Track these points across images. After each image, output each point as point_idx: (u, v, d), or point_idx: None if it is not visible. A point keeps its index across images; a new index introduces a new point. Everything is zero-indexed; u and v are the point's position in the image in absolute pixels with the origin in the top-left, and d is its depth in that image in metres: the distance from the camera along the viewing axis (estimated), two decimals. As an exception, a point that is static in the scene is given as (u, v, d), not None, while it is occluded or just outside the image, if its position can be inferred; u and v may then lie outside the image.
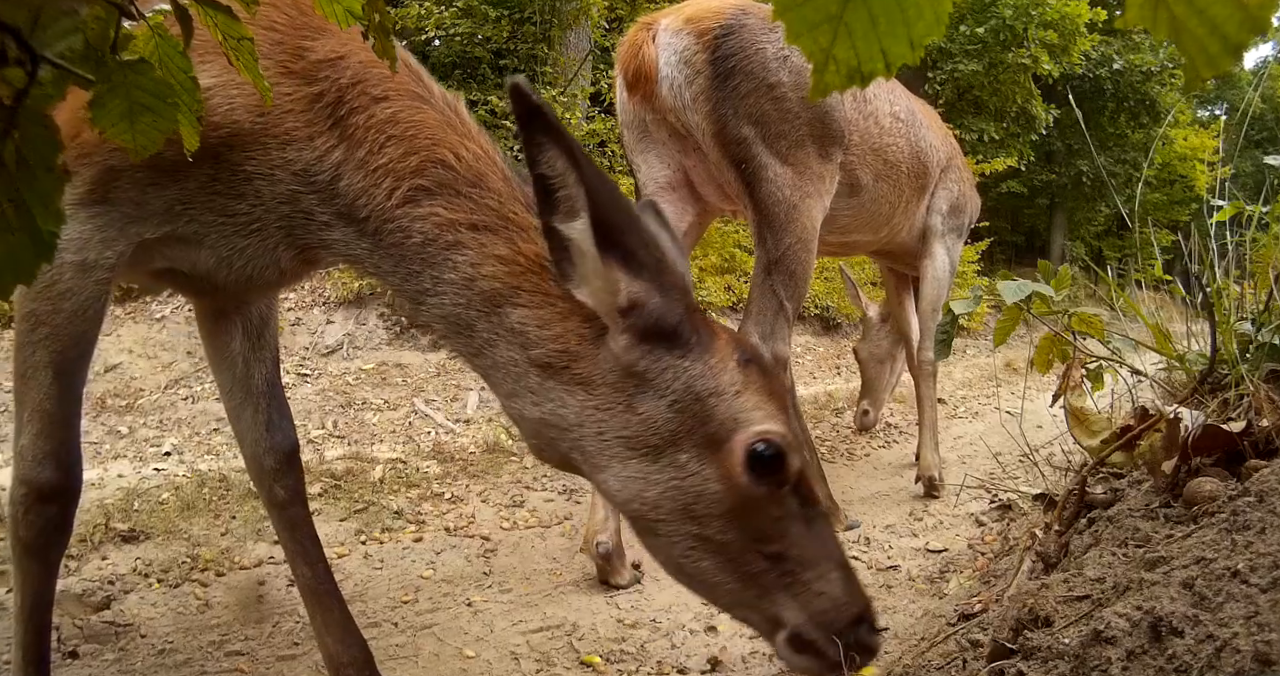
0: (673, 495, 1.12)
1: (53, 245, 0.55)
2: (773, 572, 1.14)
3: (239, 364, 1.68)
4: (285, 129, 1.23)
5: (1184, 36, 0.49)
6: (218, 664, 1.98)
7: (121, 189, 1.23)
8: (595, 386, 1.15)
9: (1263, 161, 2.25)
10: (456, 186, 1.22)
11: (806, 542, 1.15)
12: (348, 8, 0.79)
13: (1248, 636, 0.71)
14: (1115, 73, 13.98)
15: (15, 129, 0.52)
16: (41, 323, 1.26)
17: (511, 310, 1.17)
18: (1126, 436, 1.29)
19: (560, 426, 1.17)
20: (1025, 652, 0.90)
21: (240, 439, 1.71)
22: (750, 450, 1.10)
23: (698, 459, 1.11)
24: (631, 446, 1.13)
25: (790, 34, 0.51)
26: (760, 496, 1.11)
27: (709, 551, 1.13)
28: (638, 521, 1.17)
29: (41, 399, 1.28)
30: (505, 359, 1.19)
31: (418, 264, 1.22)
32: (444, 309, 1.21)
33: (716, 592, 1.17)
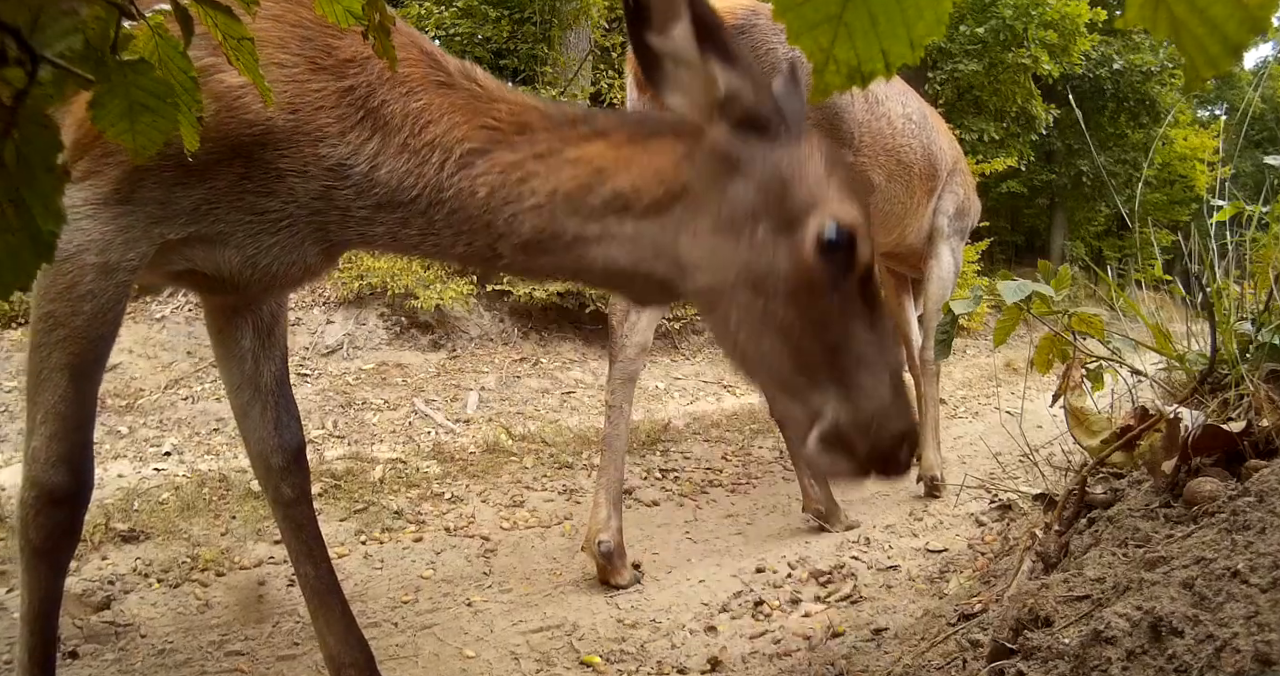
0: (744, 267, 1.16)
1: (53, 245, 0.55)
2: (826, 363, 1.15)
3: (248, 361, 1.67)
4: (318, 125, 1.26)
5: (1184, 36, 0.49)
6: (218, 664, 1.98)
7: (147, 188, 1.23)
8: (692, 190, 1.21)
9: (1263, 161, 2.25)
10: (506, 138, 1.28)
11: (866, 342, 1.16)
12: (347, 8, 0.79)
13: (1248, 636, 0.71)
14: (1115, 73, 13.97)
15: (15, 129, 0.52)
16: (60, 324, 1.26)
17: (600, 190, 1.24)
18: (1126, 436, 1.29)
19: (656, 253, 1.23)
20: (1025, 652, 0.90)
21: (247, 437, 1.70)
22: (821, 232, 1.14)
23: (773, 235, 1.16)
24: (718, 228, 1.18)
25: (791, 34, 0.51)
26: (826, 279, 1.14)
27: (768, 325, 1.16)
28: (713, 300, 1.21)
29: (56, 401, 1.28)
30: (596, 233, 1.24)
31: (488, 216, 1.26)
32: (524, 238, 1.26)
33: (769, 374, 1.20)
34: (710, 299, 1.21)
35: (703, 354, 6.63)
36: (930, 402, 3.68)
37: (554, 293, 6.02)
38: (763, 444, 4.37)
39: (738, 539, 2.93)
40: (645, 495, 3.42)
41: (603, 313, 6.11)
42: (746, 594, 2.38)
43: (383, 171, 1.27)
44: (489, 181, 1.26)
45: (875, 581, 2.40)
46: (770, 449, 4.28)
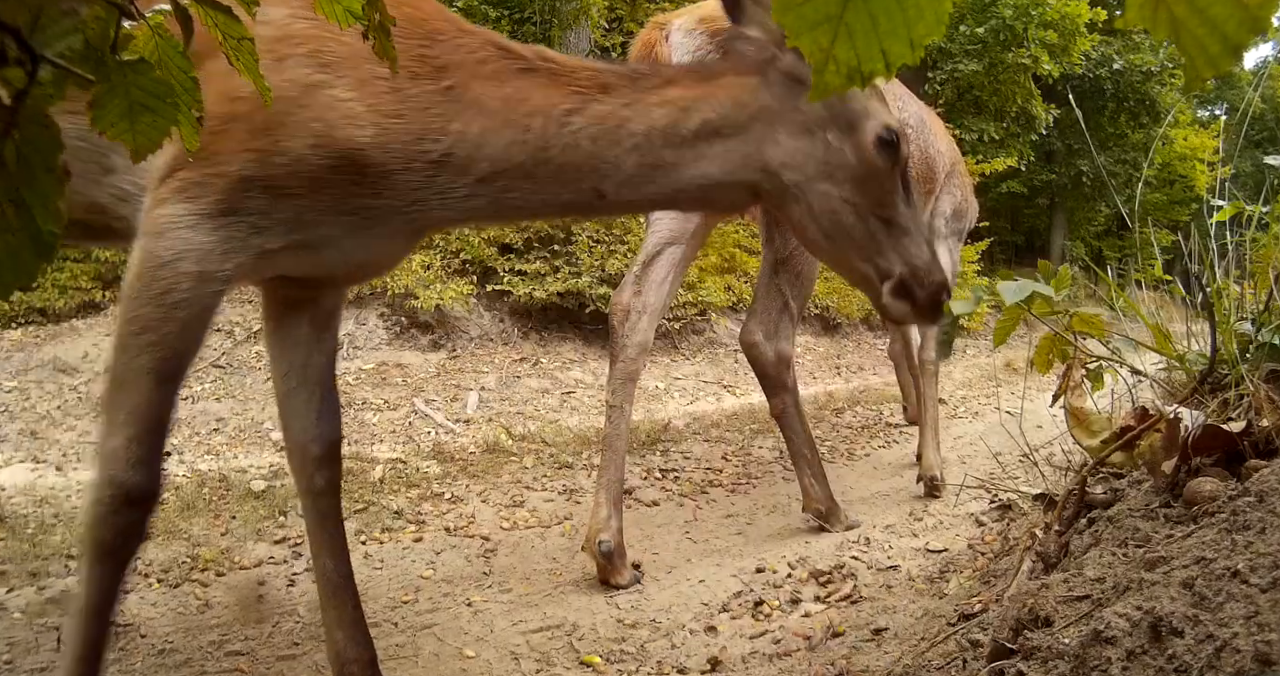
0: (821, 165, 1.50)
1: (53, 245, 0.55)
2: (885, 233, 1.54)
3: (300, 350, 1.70)
4: (423, 125, 1.37)
5: (1184, 36, 0.49)
6: (218, 664, 1.98)
7: (253, 199, 1.29)
8: (768, 107, 1.50)
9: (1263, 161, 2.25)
10: (595, 97, 1.48)
11: (909, 217, 1.57)
12: (348, 7, 0.79)
13: (1248, 636, 0.71)
14: (1115, 73, 13.97)
15: (15, 129, 0.52)
16: (149, 329, 1.28)
17: (689, 120, 1.48)
18: (1126, 436, 1.29)
19: (745, 163, 1.50)
20: (1025, 652, 0.90)
21: (287, 424, 1.72)
22: (878, 133, 1.51)
23: (840, 138, 1.50)
24: (793, 134, 1.50)
25: (791, 34, 0.51)
26: (881, 169, 1.51)
27: (845, 210, 1.51)
28: (796, 194, 1.51)
29: (139, 403, 1.29)
30: (693, 155, 1.50)
31: (594, 161, 1.47)
32: (630, 175, 1.48)
33: (846, 245, 1.54)
34: (794, 193, 1.51)
35: (703, 354, 6.63)
36: (930, 402, 3.68)
37: (554, 293, 6.02)
38: (763, 444, 4.37)
39: (738, 539, 2.93)
40: (645, 495, 3.42)
41: (603, 313, 6.11)
42: (746, 594, 2.38)
43: (486, 149, 1.41)
44: (590, 132, 1.45)
45: (875, 581, 2.40)
46: (770, 449, 4.28)
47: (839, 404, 5.58)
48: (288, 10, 1.33)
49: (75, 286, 5.14)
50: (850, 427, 4.91)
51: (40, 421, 4.04)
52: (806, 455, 2.95)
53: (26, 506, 3.03)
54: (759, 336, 2.88)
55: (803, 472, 2.97)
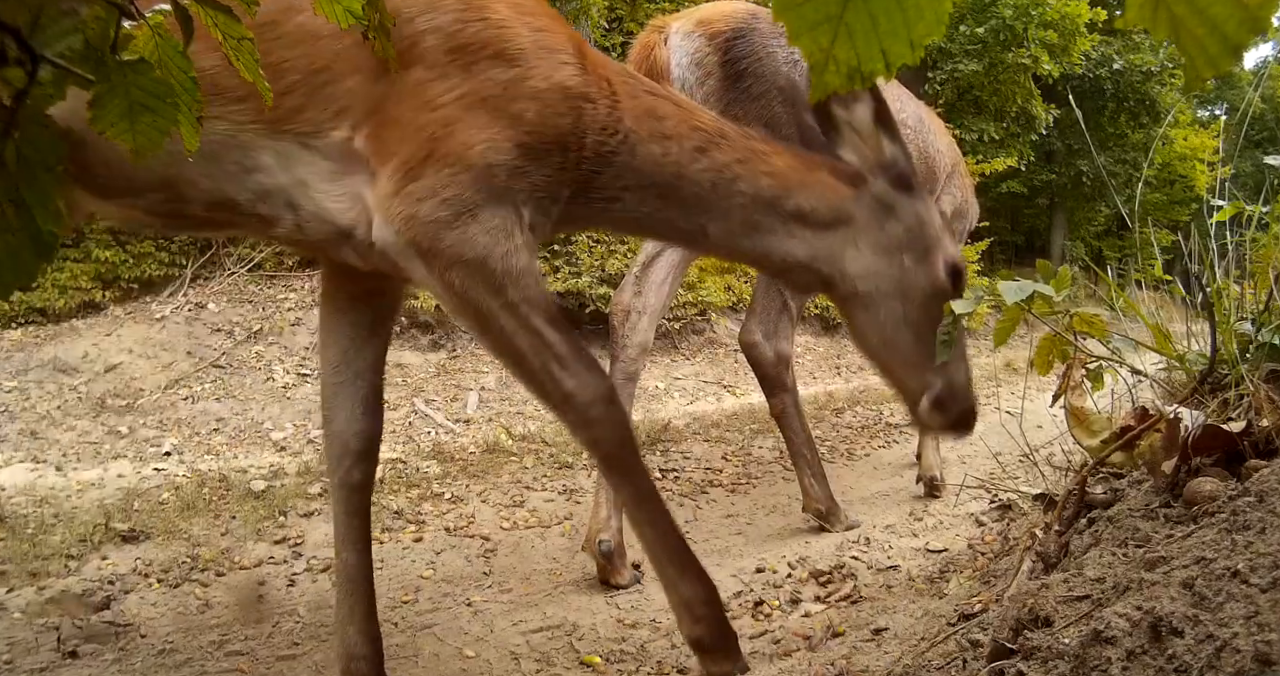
0: (896, 283, 1.67)
1: (53, 245, 0.55)
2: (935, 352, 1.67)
3: (354, 342, 1.73)
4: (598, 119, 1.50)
5: (1184, 36, 0.49)
6: (218, 664, 1.98)
7: (499, 181, 1.42)
8: (857, 219, 1.68)
9: (1263, 161, 2.25)
10: (715, 140, 1.63)
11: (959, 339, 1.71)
12: (348, 7, 0.79)
13: (1248, 636, 0.71)
14: (1115, 73, 13.97)
15: (15, 129, 0.52)
16: (519, 302, 1.44)
17: (787, 201, 1.65)
18: (1126, 436, 1.29)
19: (828, 256, 1.67)
20: (1025, 652, 0.90)
21: (329, 417, 1.74)
22: (949, 262, 1.70)
23: (915, 263, 1.68)
24: (876, 251, 1.67)
25: (791, 34, 0.51)
26: (945, 293, 1.66)
27: (905, 326, 1.67)
28: (866, 302, 1.69)
29: (558, 348, 1.47)
30: (785, 232, 1.66)
31: (709, 203, 1.62)
32: (732, 225, 1.65)
33: (899, 356, 1.71)
34: (864, 301, 1.68)
35: (703, 354, 6.63)
36: None
37: (554, 292, 6.01)
38: (763, 444, 4.37)
39: (738, 539, 2.93)
40: (645, 495, 3.42)
41: (603, 313, 6.11)
42: (746, 594, 2.38)
43: (638, 159, 1.56)
44: (710, 176, 1.60)
45: (875, 581, 2.40)
46: (770, 449, 4.28)
47: (839, 404, 5.58)
48: None
49: (75, 286, 5.14)
50: (850, 427, 4.91)
51: (40, 421, 4.03)
52: (806, 455, 2.95)
53: (26, 506, 3.03)
54: (759, 336, 2.89)
55: (803, 472, 2.96)
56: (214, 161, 1.39)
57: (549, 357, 1.46)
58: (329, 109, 1.40)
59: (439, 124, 1.38)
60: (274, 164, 1.42)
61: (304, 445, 4.05)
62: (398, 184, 1.39)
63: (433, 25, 1.39)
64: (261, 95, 1.26)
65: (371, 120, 1.40)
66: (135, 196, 1.43)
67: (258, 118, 1.38)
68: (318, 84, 1.38)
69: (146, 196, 1.43)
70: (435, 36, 1.39)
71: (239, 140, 1.39)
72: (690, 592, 1.56)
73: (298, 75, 1.37)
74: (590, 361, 1.51)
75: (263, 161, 1.41)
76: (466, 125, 1.38)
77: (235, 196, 1.43)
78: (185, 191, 1.42)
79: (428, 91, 1.38)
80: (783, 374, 2.92)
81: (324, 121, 1.40)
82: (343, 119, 1.40)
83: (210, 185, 1.41)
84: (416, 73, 1.38)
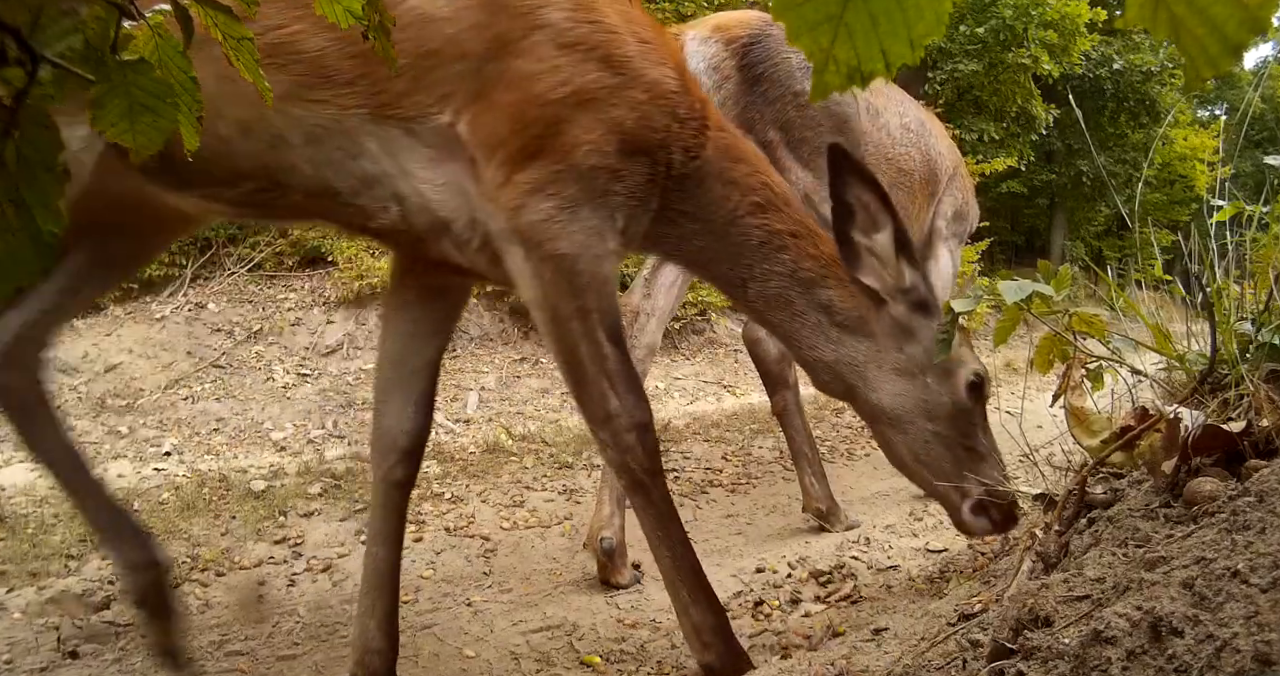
0: (921, 404, 1.71)
1: (53, 245, 0.55)
2: (967, 460, 1.75)
3: (414, 340, 1.75)
4: (684, 140, 1.55)
5: (1184, 36, 0.49)
6: (218, 664, 1.98)
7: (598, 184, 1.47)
8: (878, 337, 1.71)
9: (1263, 161, 2.26)
10: (777, 204, 1.67)
11: (987, 444, 1.79)
12: (347, 8, 0.79)
13: (1248, 636, 0.71)
14: (1115, 73, 13.96)
15: (15, 129, 0.52)
16: (593, 310, 1.49)
17: (821, 290, 1.70)
18: (1126, 436, 1.29)
19: (851, 364, 1.72)
20: (1025, 652, 0.90)
21: (380, 412, 1.75)
22: (969, 379, 1.75)
23: (937, 382, 1.72)
24: (899, 373, 1.71)
25: (791, 34, 0.51)
26: (968, 408, 1.74)
27: (936, 442, 1.72)
28: (894, 422, 1.73)
29: (613, 366, 1.52)
30: (814, 322, 1.71)
31: (752, 259, 1.66)
32: (768, 291, 1.70)
33: (933, 470, 1.74)
34: (888, 417, 1.73)
35: (703, 354, 6.63)
36: None
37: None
38: (763, 444, 4.37)
39: (738, 539, 2.93)
40: (645, 495, 3.42)
41: (603, 313, 6.10)
42: (746, 594, 2.38)
43: (702, 190, 1.61)
44: (760, 235, 1.65)
45: (875, 581, 2.40)
46: (770, 449, 4.28)
47: (839, 404, 5.58)
48: None
49: (75, 286, 5.14)
50: (850, 427, 4.91)
51: (40, 421, 4.02)
52: (807, 453, 2.96)
53: (26, 506, 3.03)
54: (762, 332, 2.91)
55: (803, 471, 2.97)
56: (318, 146, 1.40)
57: (602, 373, 1.50)
58: (434, 93, 1.40)
59: (547, 121, 1.41)
60: (377, 150, 1.42)
61: (304, 445, 4.05)
62: (506, 173, 1.41)
63: (545, 20, 1.41)
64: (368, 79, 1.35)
65: (474, 106, 1.41)
66: (228, 185, 1.43)
67: (365, 102, 1.38)
68: (426, 68, 1.39)
69: (241, 185, 1.43)
70: (547, 32, 1.41)
71: (345, 125, 1.39)
72: (701, 619, 1.58)
73: (406, 59, 1.35)
74: (639, 387, 1.55)
75: (367, 147, 1.42)
76: (573, 125, 1.42)
77: (336, 184, 1.43)
78: (284, 178, 1.42)
79: (536, 85, 1.40)
80: (785, 371, 2.94)
81: (428, 106, 1.41)
82: (446, 104, 1.41)
83: (312, 172, 1.42)
84: (526, 64, 1.40)
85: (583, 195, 1.44)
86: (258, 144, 1.38)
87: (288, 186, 1.43)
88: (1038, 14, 11.70)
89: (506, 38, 1.38)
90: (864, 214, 1.65)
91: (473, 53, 1.39)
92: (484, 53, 1.39)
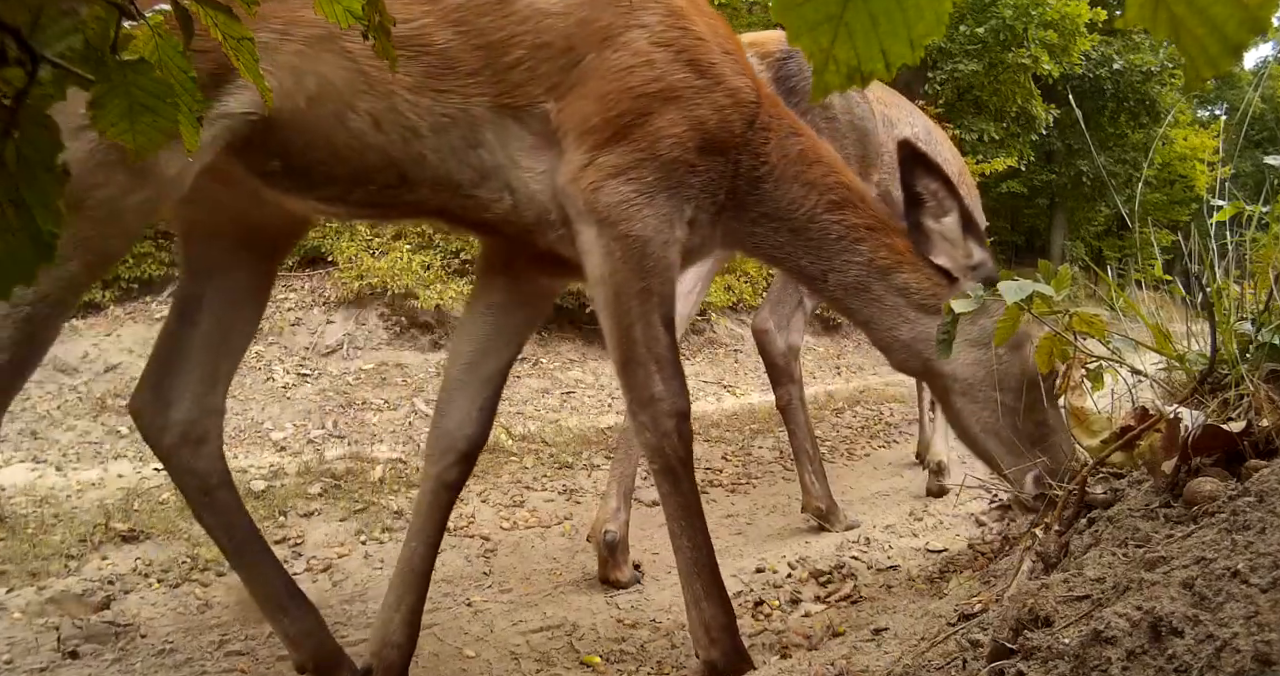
0: (993, 374, 1.78)
1: (53, 245, 0.55)
2: (1035, 433, 1.79)
3: (489, 345, 1.80)
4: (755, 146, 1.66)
5: (1184, 36, 0.49)
6: (217, 664, 1.98)
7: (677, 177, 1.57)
8: None
9: (1263, 161, 2.26)
10: (853, 201, 1.78)
11: (1054, 419, 1.81)
12: (347, 8, 0.79)
13: (1248, 636, 0.71)
14: (1115, 73, 13.96)
15: (15, 129, 0.52)
16: (654, 293, 1.57)
17: (897, 275, 1.79)
18: (1126, 436, 1.29)
19: (928, 340, 1.78)
20: (1025, 652, 0.90)
21: (442, 412, 1.79)
22: None
23: (1008, 354, 1.79)
24: (971, 345, 1.78)
25: (791, 34, 0.51)
26: (1036, 381, 1.75)
27: (1005, 413, 1.78)
28: (966, 391, 1.81)
29: (663, 351, 1.59)
30: (891, 305, 1.80)
31: (832, 252, 1.76)
32: (847, 280, 1.79)
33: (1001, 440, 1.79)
34: (961, 386, 1.81)
35: (702, 354, 6.63)
36: None
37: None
38: (763, 444, 4.37)
39: (738, 539, 2.93)
40: (645, 495, 3.42)
41: (603, 312, 6.10)
42: (746, 594, 2.38)
43: (778, 192, 1.71)
44: (839, 230, 1.75)
45: (875, 581, 2.40)
46: (770, 449, 4.28)
47: (839, 404, 5.58)
48: None
49: (75, 286, 5.14)
50: (850, 428, 4.91)
51: (40, 421, 4.03)
52: (808, 450, 2.98)
53: (26, 506, 3.03)
54: (771, 324, 2.96)
55: (804, 467, 2.98)
56: (443, 135, 1.48)
57: (652, 356, 1.57)
58: (544, 84, 1.51)
59: (637, 111, 1.52)
60: (493, 140, 1.51)
61: (304, 445, 4.05)
62: (590, 155, 1.51)
63: (640, 21, 1.54)
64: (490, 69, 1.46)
65: (571, 93, 1.52)
66: (357, 184, 1.48)
67: (485, 91, 1.48)
68: (540, 59, 1.50)
69: (369, 184, 1.49)
70: (643, 31, 1.54)
71: (470, 114, 1.48)
72: (711, 615, 1.61)
73: (523, 51, 1.47)
74: (682, 377, 1.62)
75: (485, 137, 1.51)
76: (659, 117, 1.53)
77: (457, 176, 1.51)
78: (412, 172, 1.49)
79: (630, 77, 1.52)
80: (791, 365, 2.99)
81: (537, 95, 1.51)
82: (552, 93, 1.52)
83: (437, 161, 1.49)
84: (623, 58, 1.52)
85: (660, 184, 1.54)
86: (388, 136, 1.45)
87: (414, 181, 1.49)
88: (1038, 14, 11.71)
89: (607, 32, 1.51)
90: (933, 201, 1.79)
91: (578, 46, 1.51)
92: (587, 46, 1.51)
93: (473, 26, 1.44)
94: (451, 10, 1.44)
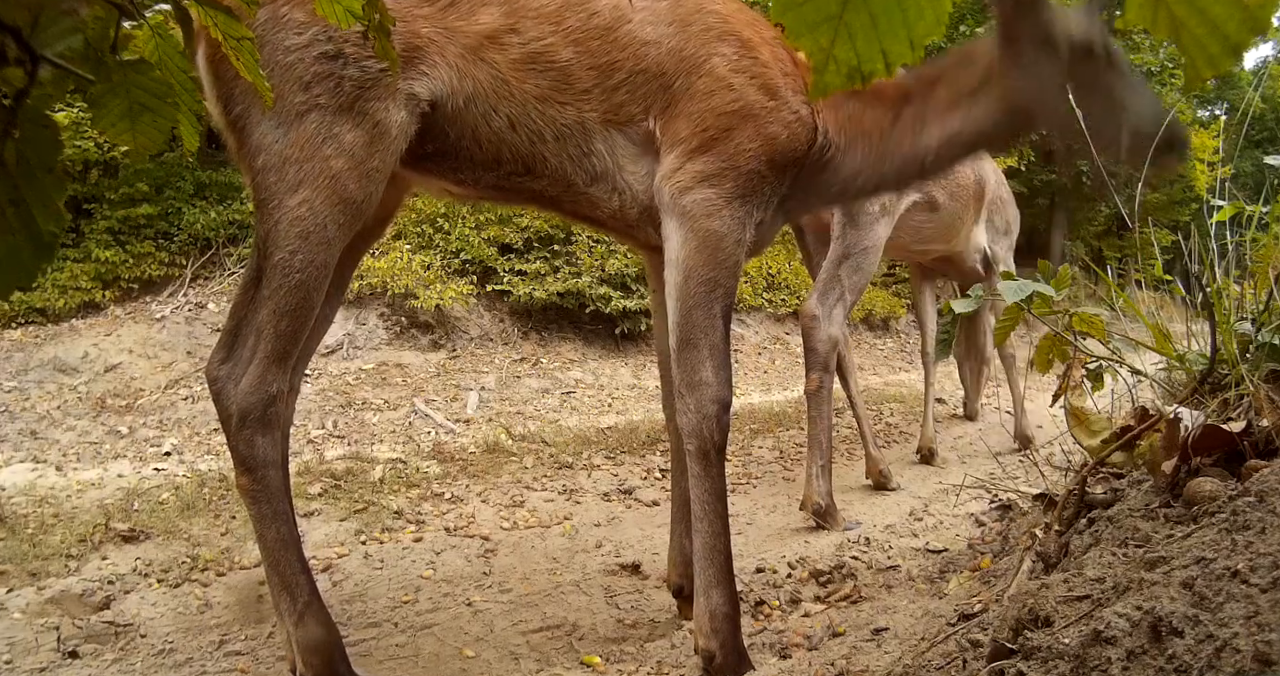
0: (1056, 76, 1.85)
1: (53, 245, 0.55)
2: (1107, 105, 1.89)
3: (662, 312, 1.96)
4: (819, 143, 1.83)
5: (1184, 36, 0.49)
6: (217, 664, 1.98)
7: (755, 186, 1.76)
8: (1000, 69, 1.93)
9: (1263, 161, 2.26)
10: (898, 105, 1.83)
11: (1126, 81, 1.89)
12: (348, 8, 0.79)
13: (1248, 636, 0.71)
14: (1115, 73, 13.93)
15: (15, 129, 0.52)
16: (720, 285, 1.73)
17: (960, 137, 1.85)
18: (1126, 436, 1.29)
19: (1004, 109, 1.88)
20: (1025, 652, 0.90)
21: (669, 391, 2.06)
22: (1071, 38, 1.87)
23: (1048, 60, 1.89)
24: None
25: (791, 34, 0.51)
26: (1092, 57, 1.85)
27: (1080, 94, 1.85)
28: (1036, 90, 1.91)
29: (718, 340, 1.72)
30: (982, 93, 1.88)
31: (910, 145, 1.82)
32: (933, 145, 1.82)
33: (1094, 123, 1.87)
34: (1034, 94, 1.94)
35: (703, 354, 6.62)
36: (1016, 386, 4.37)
37: (554, 293, 6.02)
38: (763, 444, 4.37)
39: (738, 539, 2.93)
40: (645, 495, 3.42)
41: (603, 313, 6.11)
42: (747, 594, 2.38)
43: (849, 156, 1.84)
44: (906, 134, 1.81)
45: (875, 581, 2.40)
46: (770, 449, 4.28)
47: (839, 404, 5.58)
48: None
49: (75, 286, 5.14)
50: (850, 427, 4.90)
51: (40, 421, 4.04)
52: (822, 443, 3.02)
53: (26, 506, 3.03)
54: (820, 311, 3.14)
55: (813, 459, 3.00)
56: (562, 143, 1.75)
57: (707, 343, 1.70)
58: (641, 104, 1.76)
59: (721, 127, 1.74)
60: (603, 150, 1.78)
61: (303, 445, 4.05)
62: (681, 161, 1.74)
63: (720, 52, 1.77)
64: (600, 88, 1.72)
65: (666, 112, 1.77)
66: (492, 170, 1.76)
67: (595, 107, 1.74)
68: (639, 82, 1.75)
69: (500, 170, 1.76)
70: (723, 60, 1.77)
71: (585, 126, 1.74)
72: (717, 604, 1.70)
73: (624, 74, 1.74)
74: (729, 369, 1.75)
75: (596, 147, 1.77)
76: (739, 133, 1.75)
77: (573, 176, 1.78)
78: (537, 167, 1.76)
79: (714, 99, 1.75)
80: (829, 356, 3.13)
81: (637, 114, 1.77)
82: (650, 112, 1.77)
83: (556, 163, 1.76)
84: (706, 83, 1.76)
85: (738, 190, 1.74)
86: (520, 136, 1.73)
87: (540, 174, 1.77)
88: (1038, 14, 11.68)
89: (693, 61, 1.76)
90: None
91: (670, 70, 1.76)
92: (675, 71, 1.76)
93: (587, 47, 1.71)
94: (572, 31, 1.71)
